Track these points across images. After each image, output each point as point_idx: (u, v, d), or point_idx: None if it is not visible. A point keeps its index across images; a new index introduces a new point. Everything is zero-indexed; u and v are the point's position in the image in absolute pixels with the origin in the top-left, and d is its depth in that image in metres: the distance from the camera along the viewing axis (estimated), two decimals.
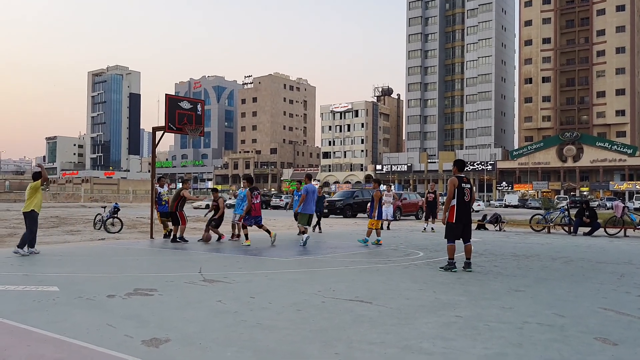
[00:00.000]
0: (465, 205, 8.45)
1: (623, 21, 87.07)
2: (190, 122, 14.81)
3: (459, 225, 8.42)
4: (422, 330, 4.66)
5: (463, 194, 8.43)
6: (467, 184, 8.58)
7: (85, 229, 17.65)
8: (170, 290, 6.53)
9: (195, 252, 10.84)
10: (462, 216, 8.42)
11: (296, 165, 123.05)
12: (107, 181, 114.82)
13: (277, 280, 7.41)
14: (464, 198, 8.44)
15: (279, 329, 4.68)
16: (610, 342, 4.36)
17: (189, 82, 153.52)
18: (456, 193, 8.43)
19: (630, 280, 7.76)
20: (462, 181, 8.49)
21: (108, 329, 4.61)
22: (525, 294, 6.53)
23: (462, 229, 8.47)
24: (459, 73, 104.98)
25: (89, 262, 9.47)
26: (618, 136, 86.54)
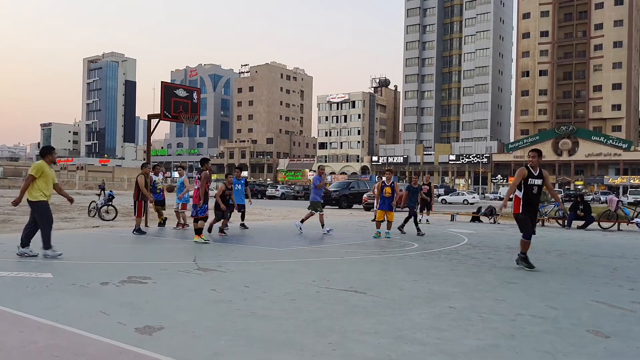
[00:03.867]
0: (532, 198, 7.85)
1: (621, 15, 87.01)
2: (186, 110, 14.75)
3: (527, 217, 7.87)
4: (415, 321, 4.68)
5: (532, 188, 7.81)
6: (538, 178, 7.83)
7: (80, 217, 17.60)
8: (164, 278, 6.52)
9: (190, 240, 10.82)
10: (528, 210, 7.89)
11: (292, 155, 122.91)
12: (102, 169, 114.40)
13: (272, 270, 7.41)
14: (532, 191, 7.82)
15: (273, 318, 4.68)
16: (603, 334, 4.38)
17: (185, 70, 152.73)
18: (523, 185, 7.82)
19: (623, 273, 7.81)
20: (532, 175, 7.80)
21: (101, 316, 4.60)
22: (519, 286, 6.56)
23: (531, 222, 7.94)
24: (457, 65, 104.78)
25: (83, 249, 9.44)
26: (614, 130, 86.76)
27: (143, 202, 12.52)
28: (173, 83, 16.55)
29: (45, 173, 8.12)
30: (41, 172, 8.09)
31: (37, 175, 8.04)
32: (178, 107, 14.55)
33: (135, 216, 12.59)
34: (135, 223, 12.42)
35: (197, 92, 15.42)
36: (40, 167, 8.12)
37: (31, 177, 8.01)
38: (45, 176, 8.13)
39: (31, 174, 8.03)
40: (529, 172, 7.82)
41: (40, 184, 8.07)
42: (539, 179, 7.84)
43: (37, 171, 8.05)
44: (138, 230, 12.23)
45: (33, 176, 8.01)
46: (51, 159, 8.32)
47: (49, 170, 8.22)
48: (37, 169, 8.09)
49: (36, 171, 8.04)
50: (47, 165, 8.23)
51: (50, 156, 8.31)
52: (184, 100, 14.73)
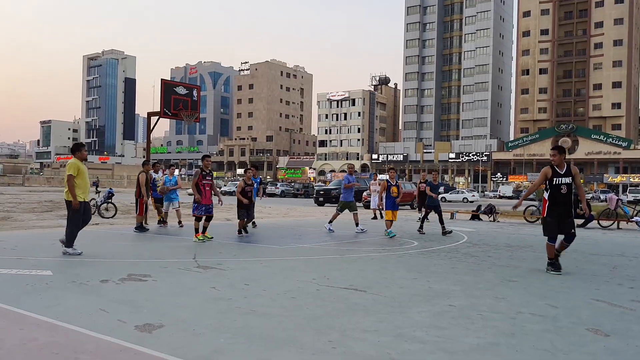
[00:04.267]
0: (561, 199, 7.27)
1: (621, 14, 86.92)
2: (185, 107, 14.75)
3: (552, 220, 7.37)
4: (415, 319, 4.68)
5: (559, 188, 7.26)
6: (567, 176, 7.27)
7: None
8: (164, 276, 6.52)
9: (190, 238, 10.82)
10: (556, 213, 7.34)
11: (292, 153, 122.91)
12: (101, 166, 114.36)
13: (272, 268, 7.41)
14: (560, 191, 7.26)
15: (272, 316, 4.68)
16: (602, 333, 4.38)
17: (184, 68, 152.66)
18: (549, 186, 7.34)
19: (623, 272, 7.81)
20: (557, 173, 7.30)
21: (101, 314, 4.60)
22: (519, 285, 6.56)
23: (559, 226, 7.37)
24: (457, 63, 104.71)
25: (83, 247, 9.42)
26: (613, 129, 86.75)
27: None
28: (173, 81, 16.55)
29: (80, 171, 8.12)
30: (77, 170, 8.07)
31: (75, 173, 8.02)
32: (178, 104, 14.55)
33: (136, 214, 12.58)
34: (137, 220, 12.42)
35: (197, 89, 15.41)
36: (76, 165, 8.09)
37: (71, 177, 7.98)
38: (81, 174, 8.12)
39: (70, 174, 7.99)
40: (553, 171, 7.32)
41: (77, 182, 8.06)
42: (567, 176, 7.27)
43: (75, 169, 8.03)
44: (139, 228, 12.21)
45: (72, 175, 7.99)
46: (81, 156, 8.30)
47: (83, 167, 8.23)
48: (74, 167, 8.06)
49: (74, 170, 8.02)
50: (80, 162, 8.22)
51: (79, 153, 8.30)
52: (183, 98, 14.72)
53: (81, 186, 8.07)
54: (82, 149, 8.35)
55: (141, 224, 12.31)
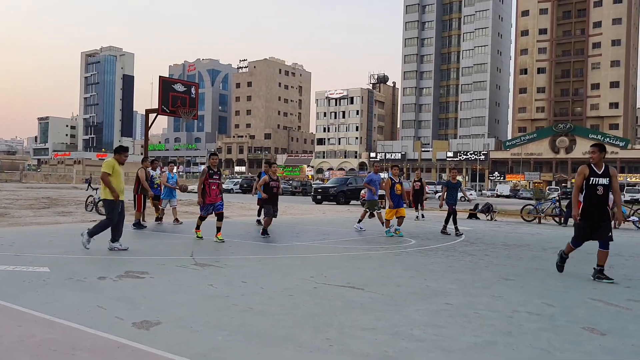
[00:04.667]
0: (597, 201, 6.78)
1: (620, 13, 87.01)
2: (183, 105, 14.72)
3: (585, 224, 6.89)
4: (413, 317, 4.69)
5: (595, 189, 6.76)
6: (604, 177, 6.77)
7: (77, 211, 17.57)
8: (161, 273, 6.52)
9: (188, 235, 10.82)
10: (591, 214, 6.84)
11: (290, 151, 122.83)
12: (99, 163, 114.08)
13: (270, 266, 7.41)
14: (596, 192, 6.75)
15: (270, 313, 4.69)
16: (598, 331, 4.40)
17: (183, 65, 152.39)
18: (585, 187, 6.84)
19: (619, 271, 7.84)
20: (595, 173, 6.81)
21: (99, 311, 4.60)
22: (516, 283, 6.57)
23: (593, 230, 6.89)
24: (455, 62, 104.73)
25: (80, 244, 9.42)
26: (611, 128, 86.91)
27: (142, 196, 12.47)
28: (171, 78, 16.52)
29: (116, 170, 8.34)
30: (112, 169, 8.29)
31: (110, 171, 8.25)
32: (176, 101, 14.52)
33: (135, 210, 12.56)
34: (135, 217, 12.40)
35: (195, 87, 15.38)
36: (112, 165, 8.32)
37: (105, 174, 8.20)
38: (116, 174, 8.34)
39: (105, 171, 8.23)
40: (590, 171, 6.83)
41: (112, 181, 8.26)
42: (605, 177, 6.77)
43: (110, 168, 8.27)
44: (137, 225, 12.20)
45: (107, 173, 8.21)
46: (119, 158, 8.50)
47: (118, 168, 8.43)
48: (110, 166, 8.29)
49: (109, 168, 8.26)
50: (117, 163, 8.42)
51: (119, 155, 8.52)
52: (182, 95, 14.69)
53: (115, 185, 8.28)
54: (123, 152, 8.59)
55: (139, 221, 12.31)
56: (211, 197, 10.03)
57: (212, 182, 10.07)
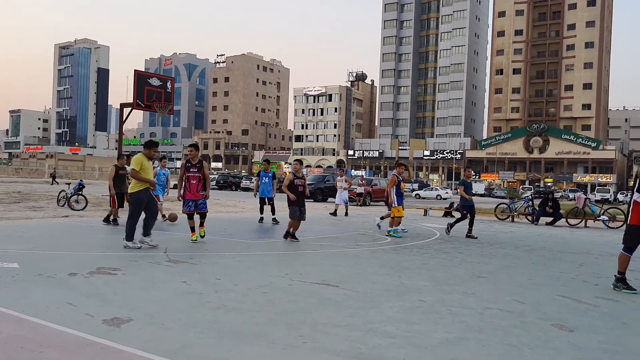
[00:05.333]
0: None
1: (593, 16, 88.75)
2: (159, 99, 14.56)
3: None
4: (386, 314, 4.72)
5: None
6: None
7: (49, 206, 17.23)
8: (134, 269, 6.44)
9: (162, 232, 10.70)
10: None
11: (268, 147, 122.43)
12: (72, 157, 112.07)
13: (244, 263, 7.38)
14: None
15: (243, 310, 4.67)
16: (567, 328, 4.49)
17: (159, 59, 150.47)
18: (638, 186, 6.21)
19: (589, 269, 8.01)
20: None
21: (69, 308, 4.52)
22: (488, 281, 6.67)
23: None
24: (433, 61, 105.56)
25: (51, 239, 9.25)
26: (583, 129, 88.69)
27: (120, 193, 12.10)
28: (147, 72, 16.30)
29: (144, 166, 8.32)
30: (140, 165, 8.27)
31: (138, 168, 8.23)
32: (151, 96, 14.35)
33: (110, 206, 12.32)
34: (109, 212, 12.20)
35: (171, 81, 15.23)
36: (140, 161, 8.31)
37: (135, 172, 8.19)
38: (144, 169, 8.32)
39: (133, 168, 8.21)
40: None
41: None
42: None
43: (138, 164, 8.25)
44: (108, 219, 11.98)
45: (135, 170, 8.20)
46: (148, 153, 8.47)
47: (147, 163, 8.42)
48: (138, 162, 8.29)
49: (137, 164, 8.25)
50: (145, 158, 8.42)
51: (148, 150, 8.48)
52: (157, 90, 14.53)
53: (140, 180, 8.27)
54: (153, 147, 8.54)
55: (112, 217, 12.10)
56: (191, 192, 9.29)
57: (191, 176, 9.33)
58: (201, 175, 9.34)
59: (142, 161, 8.35)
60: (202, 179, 9.35)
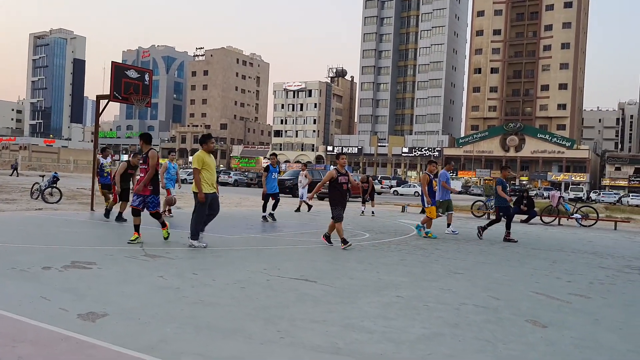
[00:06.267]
0: None
1: (570, 18, 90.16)
2: (136, 91, 14.33)
3: None
4: (364, 310, 4.74)
5: None
6: None
7: (22, 198, 16.89)
8: (109, 264, 6.35)
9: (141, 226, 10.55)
10: None
11: (246, 142, 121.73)
12: (46, 149, 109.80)
13: (222, 258, 7.34)
14: None
15: (221, 305, 4.65)
16: (540, 324, 4.57)
17: (137, 51, 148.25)
18: None
19: (561, 266, 8.16)
20: None
21: (42, 302, 4.45)
22: (464, 277, 6.75)
23: None
24: (412, 59, 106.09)
25: (24, 232, 9.08)
26: (558, 129, 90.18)
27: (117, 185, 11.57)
28: (124, 63, 16.04)
29: (206, 163, 8.06)
30: (202, 163, 8.01)
31: (200, 166, 7.98)
32: (129, 88, 14.12)
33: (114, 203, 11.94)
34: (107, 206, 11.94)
35: (149, 73, 15.00)
36: (201, 158, 8.05)
37: (197, 170, 7.94)
38: (207, 166, 8.08)
39: (196, 167, 7.97)
40: None
41: (204, 175, 8.02)
42: None
43: (199, 162, 8.01)
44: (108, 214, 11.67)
45: (198, 169, 7.95)
46: (207, 148, 8.20)
47: (209, 159, 8.17)
48: (199, 160, 8.04)
49: (199, 162, 8.01)
50: (206, 154, 8.15)
51: (206, 144, 8.20)
52: (135, 82, 14.30)
53: (207, 178, 8.05)
54: (208, 140, 8.23)
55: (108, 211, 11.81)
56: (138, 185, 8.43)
57: (142, 169, 8.53)
58: (147, 168, 8.35)
59: (204, 158, 8.06)
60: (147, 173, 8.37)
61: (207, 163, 8.09)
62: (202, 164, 8.01)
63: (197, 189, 7.96)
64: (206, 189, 8.04)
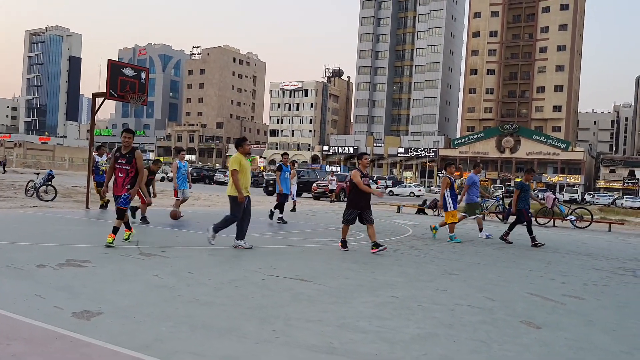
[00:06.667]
0: None
1: (566, 20, 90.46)
2: (133, 89, 14.30)
3: None
4: (359, 309, 4.75)
5: None
6: None
7: (16, 196, 16.82)
8: (104, 262, 6.34)
9: (133, 225, 10.54)
10: None
11: None
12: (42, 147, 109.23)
13: (218, 257, 7.33)
14: None
15: (216, 304, 4.64)
16: (535, 325, 4.59)
17: (133, 49, 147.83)
18: None
19: (556, 267, 8.20)
20: None
21: (37, 300, 4.43)
22: (459, 277, 6.77)
23: None
24: (409, 60, 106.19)
25: (19, 230, 9.04)
26: (554, 131, 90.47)
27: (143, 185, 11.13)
28: (120, 61, 16.00)
29: (243, 166, 8.13)
30: (239, 165, 8.08)
31: (238, 168, 8.05)
32: (125, 86, 14.09)
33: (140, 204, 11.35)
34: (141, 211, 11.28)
35: (145, 71, 14.97)
36: (238, 160, 8.10)
37: (235, 172, 8.02)
38: (243, 169, 8.13)
39: (234, 169, 8.04)
40: None
41: (240, 178, 8.07)
42: None
43: (237, 164, 8.07)
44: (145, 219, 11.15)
45: (237, 170, 8.02)
46: (244, 150, 8.29)
47: (245, 162, 8.23)
48: (237, 162, 8.08)
49: (237, 164, 8.06)
50: (243, 157, 8.22)
51: (242, 147, 8.29)
52: (131, 80, 14.27)
53: (242, 181, 8.09)
54: (244, 143, 8.32)
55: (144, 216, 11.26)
56: (117, 187, 7.80)
57: (118, 169, 7.81)
58: (130, 169, 7.75)
59: (241, 160, 8.12)
60: (130, 173, 7.77)
61: (244, 166, 8.16)
62: (239, 166, 8.08)
63: (234, 192, 8.04)
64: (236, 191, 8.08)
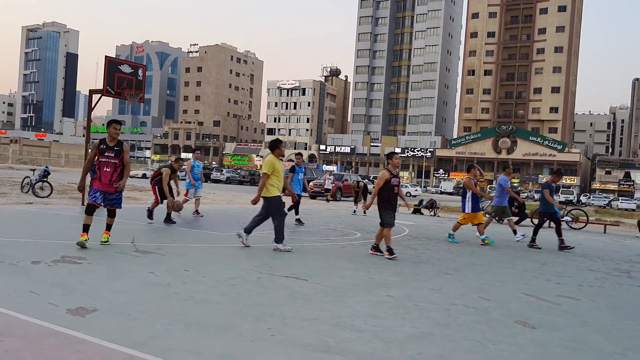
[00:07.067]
0: None
1: (563, 21, 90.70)
2: (130, 87, 14.27)
3: None
4: (355, 308, 4.75)
5: None
6: None
7: (12, 192, 16.76)
8: (100, 259, 6.32)
9: (130, 222, 10.53)
10: None
11: (239, 139, 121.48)
12: (38, 143, 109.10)
13: (214, 255, 7.32)
14: None
15: (212, 302, 4.64)
16: (530, 325, 4.60)
17: (131, 46, 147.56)
18: None
19: (552, 268, 8.22)
20: None
21: (31, 296, 4.41)
22: (454, 277, 6.78)
23: None
24: (406, 59, 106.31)
25: (14, 226, 9.01)
26: (550, 132, 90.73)
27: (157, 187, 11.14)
28: (118, 58, 15.96)
29: (276, 169, 8.15)
30: (273, 168, 8.10)
31: (270, 172, 8.08)
32: (122, 83, 14.06)
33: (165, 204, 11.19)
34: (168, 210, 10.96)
35: (142, 69, 14.94)
36: (272, 164, 8.14)
37: (266, 176, 8.05)
38: (277, 171, 8.15)
39: (265, 172, 8.08)
40: None
41: (273, 180, 8.10)
42: None
43: (269, 168, 8.10)
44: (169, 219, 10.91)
45: (267, 174, 8.06)
46: (279, 152, 8.32)
47: (279, 165, 8.25)
48: (269, 165, 8.12)
49: (268, 168, 8.10)
50: (277, 160, 8.26)
51: (278, 150, 8.31)
52: (128, 77, 14.24)
53: (276, 184, 8.13)
54: (280, 145, 8.33)
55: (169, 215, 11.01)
56: (102, 181, 7.27)
57: (104, 162, 7.28)
58: (118, 162, 7.36)
59: (274, 164, 8.15)
60: (118, 167, 7.39)
61: (277, 169, 8.18)
62: (272, 170, 8.10)
63: (268, 193, 8.06)
64: (274, 192, 8.12)
